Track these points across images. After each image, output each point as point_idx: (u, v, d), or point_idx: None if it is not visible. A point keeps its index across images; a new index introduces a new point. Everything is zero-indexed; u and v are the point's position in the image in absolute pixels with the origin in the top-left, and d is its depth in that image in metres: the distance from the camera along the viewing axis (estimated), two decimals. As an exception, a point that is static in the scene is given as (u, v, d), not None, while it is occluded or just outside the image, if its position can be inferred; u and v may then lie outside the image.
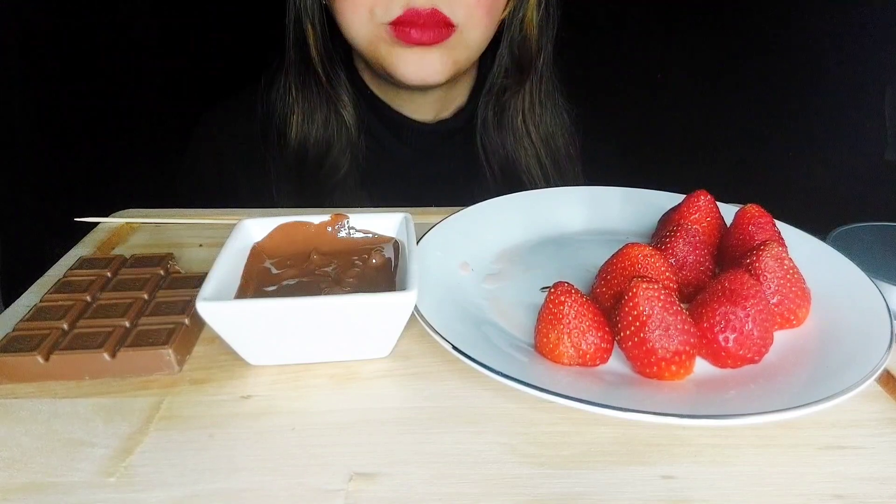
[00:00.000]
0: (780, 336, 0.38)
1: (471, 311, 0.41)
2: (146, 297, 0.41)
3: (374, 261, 0.41)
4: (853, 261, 0.44)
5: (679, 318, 0.35)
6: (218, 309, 0.34)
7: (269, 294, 0.38)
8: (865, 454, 0.31)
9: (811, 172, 0.90)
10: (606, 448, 0.32)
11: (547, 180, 0.73)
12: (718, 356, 0.36)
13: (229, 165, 0.73)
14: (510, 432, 0.32)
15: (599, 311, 0.37)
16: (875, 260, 0.50)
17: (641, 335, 0.34)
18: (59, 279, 0.42)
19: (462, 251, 0.47)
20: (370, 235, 0.44)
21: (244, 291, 0.38)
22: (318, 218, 0.44)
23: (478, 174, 0.73)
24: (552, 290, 0.37)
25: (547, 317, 0.36)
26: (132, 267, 0.44)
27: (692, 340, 0.35)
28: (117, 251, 0.51)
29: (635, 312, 0.35)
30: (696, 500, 0.29)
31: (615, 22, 0.99)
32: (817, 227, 0.51)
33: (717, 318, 0.35)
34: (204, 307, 0.33)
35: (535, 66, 0.70)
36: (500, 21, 0.66)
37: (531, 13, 0.67)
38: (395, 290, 0.38)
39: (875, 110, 0.84)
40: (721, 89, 0.98)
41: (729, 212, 0.46)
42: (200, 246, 0.51)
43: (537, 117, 0.72)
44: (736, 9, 0.94)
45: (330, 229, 0.44)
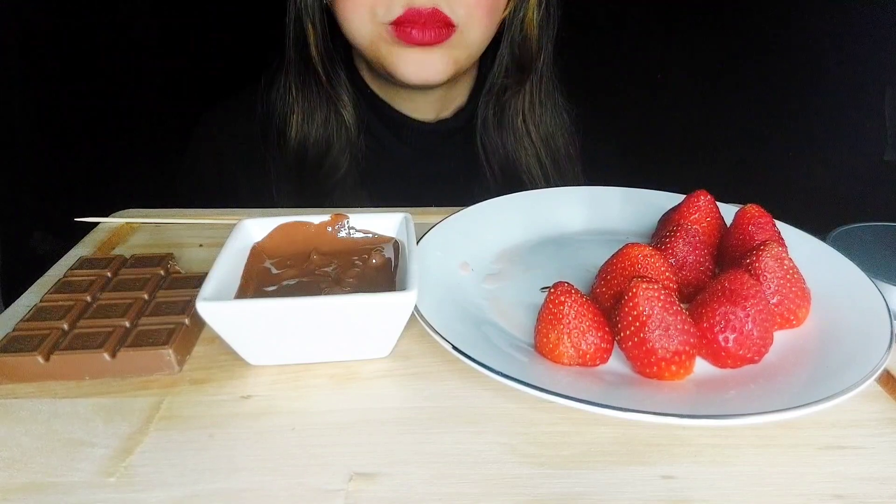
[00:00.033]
0: (780, 336, 0.38)
1: (471, 311, 0.41)
2: (146, 297, 0.41)
3: (374, 261, 0.41)
4: (853, 261, 0.44)
5: (679, 318, 0.35)
6: (218, 309, 0.34)
7: (269, 294, 0.38)
8: (865, 454, 0.31)
9: (811, 172, 0.90)
10: (606, 448, 0.32)
11: (547, 180, 0.73)
12: (718, 356, 0.36)
13: (229, 165, 0.73)
14: (510, 432, 0.32)
15: (599, 311, 0.37)
16: (875, 260, 0.50)
17: (641, 335, 0.34)
18: (59, 279, 0.42)
19: (462, 251, 0.47)
20: (370, 235, 0.44)
21: (244, 291, 0.38)
22: (318, 218, 0.44)
23: (478, 174, 0.73)
24: (552, 290, 0.37)
25: (547, 317, 0.36)
26: (132, 267, 0.44)
27: (692, 340, 0.35)
28: (117, 251, 0.51)
29: (635, 312, 0.35)
30: (696, 500, 0.29)
31: (615, 22, 0.99)
32: (817, 227, 0.51)
33: (717, 318, 0.35)
34: (204, 307, 0.33)
35: (535, 66, 0.70)
36: (500, 21, 0.66)
37: (531, 13, 0.67)
38: (395, 290, 0.38)
39: (875, 110, 0.84)
40: (721, 89, 0.98)
41: (729, 212, 0.46)
42: (200, 246, 0.51)
43: (537, 117, 0.72)
44: (736, 9, 0.94)
45: (330, 229, 0.44)
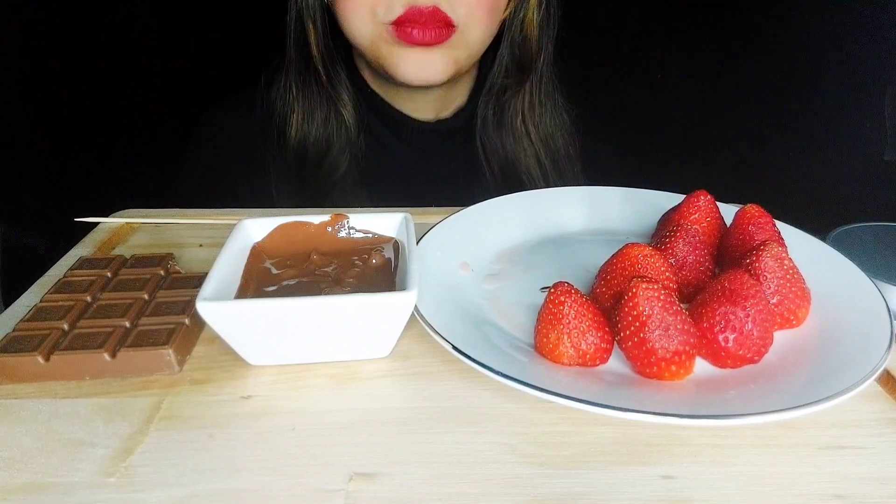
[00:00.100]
0: (780, 336, 0.38)
1: (471, 311, 0.41)
2: (146, 297, 0.41)
3: (374, 261, 0.41)
4: (853, 261, 0.44)
5: (679, 318, 0.35)
6: (218, 309, 0.34)
7: (269, 294, 0.38)
8: (865, 454, 0.31)
9: (811, 172, 0.90)
10: (606, 448, 0.32)
11: (546, 180, 0.73)
12: (718, 356, 0.36)
13: (229, 165, 0.73)
14: (510, 432, 0.32)
15: (599, 311, 0.37)
16: (875, 260, 0.50)
17: (641, 335, 0.34)
18: (60, 279, 0.42)
19: (462, 251, 0.47)
20: (370, 235, 0.44)
21: (244, 291, 0.38)
22: (318, 218, 0.44)
23: (478, 174, 0.73)
24: (552, 291, 0.37)
25: (547, 317, 0.36)
26: (132, 267, 0.44)
27: (692, 340, 0.35)
28: (117, 251, 0.51)
29: (635, 312, 0.35)
30: (696, 500, 0.29)
31: (615, 22, 0.99)
32: (817, 227, 0.51)
33: (717, 318, 0.35)
34: (204, 307, 0.33)
35: (535, 67, 0.70)
36: (500, 21, 0.66)
37: (532, 13, 0.67)
38: (395, 290, 0.38)
39: (875, 110, 0.84)
40: (721, 89, 0.98)
41: (729, 212, 0.46)
42: (200, 246, 0.51)
43: (537, 117, 0.72)
44: (736, 9, 0.94)
45: (330, 229, 0.44)
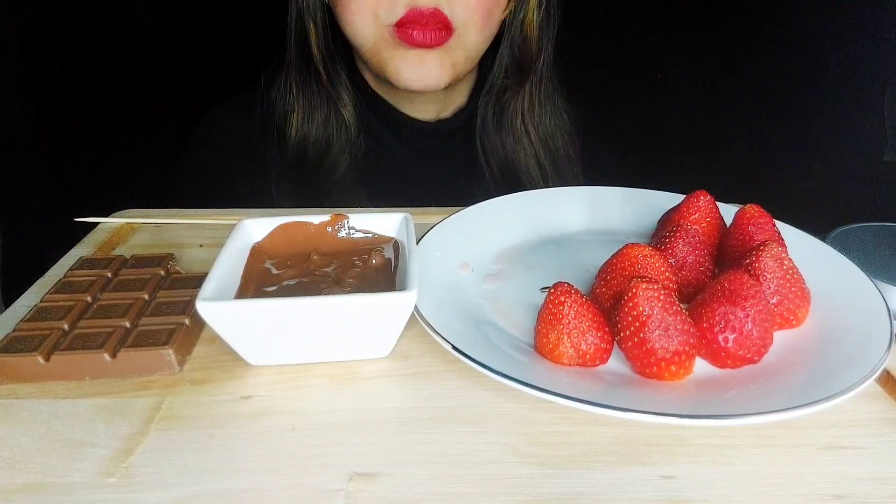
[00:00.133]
0: (779, 336, 0.38)
1: (471, 311, 0.41)
2: (147, 297, 0.41)
3: (374, 261, 0.41)
4: (853, 261, 0.44)
5: (679, 318, 0.35)
6: (218, 309, 0.34)
7: (269, 294, 0.38)
8: (865, 454, 0.32)
9: (811, 172, 0.90)
10: (606, 448, 0.32)
11: (546, 181, 0.73)
12: (718, 356, 0.36)
13: (229, 165, 0.73)
14: (510, 432, 0.32)
15: (599, 311, 0.37)
16: (875, 260, 0.50)
17: (641, 335, 0.34)
18: (60, 279, 0.42)
19: (462, 251, 0.47)
20: (370, 235, 0.44)
21: (244, 292, 0.38)
22: (318, 218, 0.44)
23: (478, 174, 0.73)
24: (552, 291, 0.37)
25: (547, 317, 0.36)
26: (133, 267, 0.44)
27: (692, 341, 0.35)
28: (117, 251, 0.51)
29: (635, 313, 0.35)
30: (696, 500, 0.29)
31: (615, 22, 0.99)
32: (817, 227, 0.51)
33: (717, 318, 0.35)
34: (204, 307, 0.33)
35: (535, 67, 0.70)
36: (498, 23, 0.66)
37: (531, 14, 0.67)
38: (395, 290, 0.38)
39: (875, 110, 0.84)
40: (721, 89, 0.98)
41: (729, 212, 0.46)
42: (201, 246, 0.51)
43: (537, 118, 0.72)
44: (736, 9, 0.94)
45: (330, 229, 0.44)
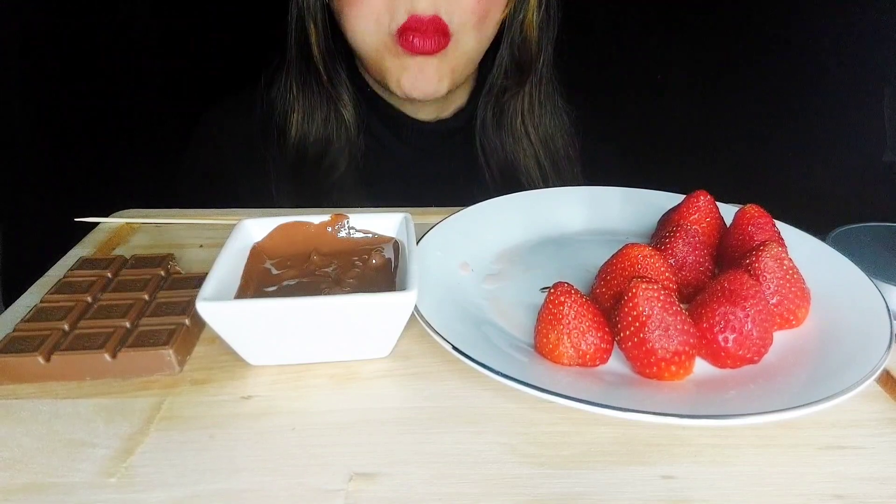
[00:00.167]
0: (779, 336, 0.38)
1: (471, 311, 0.41)
2: (147, 297, 0.41)
3: (374, 261, 0.41)
4: (853, 261, 0.44)
5: (679, 318, 0.35)
6: (218, 309, 0.34)
7: (269, 294, 0.38)
8: (865, 454, 0.32)
9: (811, 172, 0.90)
10: (606, 448, 0.32)
11: (546, 182, 0.73)
12: (718, 356, 0.36)
13: (229, 165, 0.73)
14: (510, 432, 0.32)
15: (599, 311, 0.37)
16: (875, 260, 0.50)
17: (641, 335, 0.34)
18: (60, 280, 0.42)
19: (462, 251, 0.47)
20: (370, 235, 0.44)
21: (244, 292, 0.38)
22: (318, 218, 0.44)
23: (478, 174, 0.73)
24: (552, 291, 0.37)
25: (547, 317, 0.36)
26: (133, 267, 0.44)
27: (692, 341, 0.35)
28: (118, 251, 0.51)
29: (635, 313, 0.35)
30: (696, 500, 0.29)
31: (615, 23, 0.99)
32: (817, 227, 0.51)
33: (717, 318, 0.35)
34: (204, 307, 0.33)
35: (534, 68, 0.70)
36: (498, 23, 0.66)
37: (531, 14, 0.67)
38: (395, 290, 0.38)
39: (875, 110, 0.84)
40: (721, 89, 0.98)
41: (729, 212, 0.46)
42: (201, 246, 0.51)
43: (536, 118, 0.72)
44: (736, 9, 0.94)
45: (330, 229, 0.44)
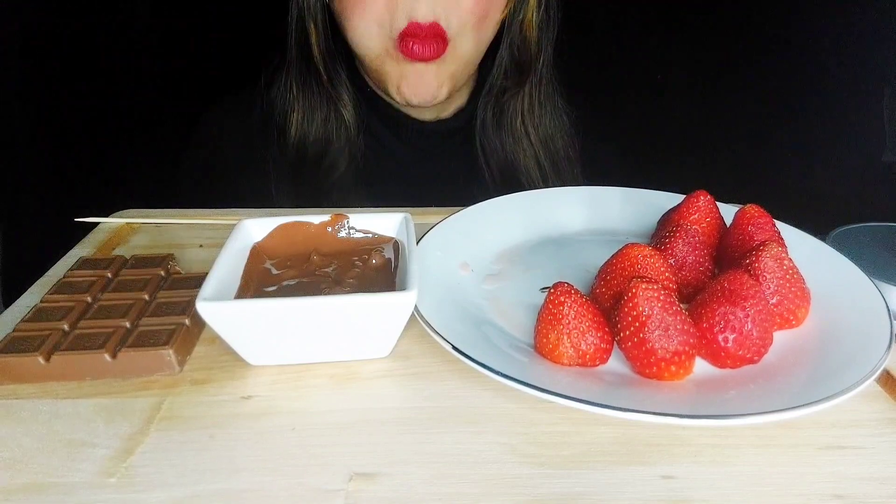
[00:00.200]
0: (779, 336, 0.38)
1: (471, 311, 0.41)
2: (147, 297, 0.41)
3: (374, 261, 0.41)
4: (853, 261, 0.44)
5: (678, 318, 0.35)
6: (218, 309, 0.34)
7: (269, 294, 0.38)
8: (865, 454, 0.32)
9: (811, 172, 0.90)
10: (606, 448, 0.32)
11: (546, 182, 0.73)
12: (718, 356, 0.36)
13: (229, 165, 0.73)
14: (510, 432, 0.32)
15: (599, 311, 0.37)
16: (875, 260, 0.50)
17: (641, 335, 0.34)
18: (60, 280, 0.42)
19: (462, 251, 0.47)
20: (370, 235, 0.44)
21: (244, 292, 0.38)
22: (318, 218, 0.44)
23: (477, 174, 0.73)
24: (552, 291, 0.37)
25: (547, 317, 0.36)
26: (133, 268, 0.44)
27: (692, 341, 0.35)
28: (118, 252, 0.51)
29: (635, 313, 0.35)
30: (696, 500, 0.29)
31: (615, 23, 0.99)
32: (817, 227, 0.51)
33: (717, 318, 0.35)
34: (204, 307, 0.33)
35: (534, 68, 0.70)
36: (498, 24, 0.66)
37: (531, 14, 0.67)
38: (395, 290, 0.38)
39: (875, 110, 0.84)
40: (721, 89, 0.98)
41: (729, 212, 0.46)
42: (201, 246, 0.51)
43: (536, 119, 0.72)
44: (736, 9, 0.94)
45: (330, 229, 0.44)
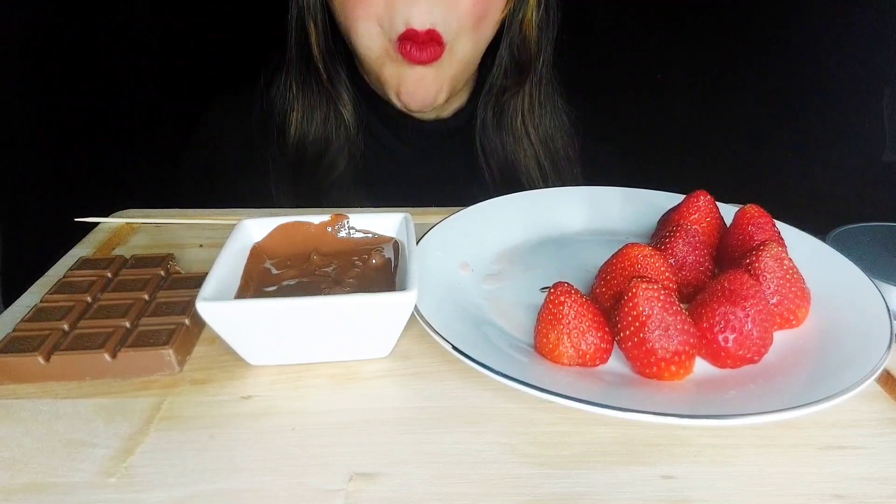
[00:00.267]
0: (779, 336, 0.38)
1: (471, 311, 0.41)
2: (147, 297, 0.41)
3: (374, 261, 0.41)
4: (853, 261, 0.44)
5: (679, 318, 0.35)
6: (218, 309, 0.34)
7: (269, 294, 0.38)
8: (865, 454, 0.32)
9: (811, 172, 0.90)
10: (606, 448, 0.32)
11: (545, 182, 0.73)
12: (718, 356, 0.36)
13: (229, 164, 0.73)
14: (510, 432, 0.32)
15: (599, 311, 0.37)
16: (875, 260, 0.50)
17: (641, 335, 0.34)
18: (60, 279, 0.42)
19: (462, 251, 0.47)
20: (370, 235, 0.44)
21: (244, 292, 0.38)
22: (318, 218, 0.44)
23: (477, 174, 0.73)
24: (552, 291, 0.37)
25: (547, 317, 0.36)
26: (133, 267, 0.44)
27: (692, 340, 0.35)
28: (117, 251, 0.51)
29: (635, 313, 0.35)
30: (696, 500, 0.29)
31: (615, 23, 0.99)
32: (817, 227, 0.51)
33: (717, 318, 0.35)
34: (204, 307, 0.33)
35: (534, 67, 0.70)
36: (497, 23, 0.66)
37: (531, 14, 0.67)
38: (395, 290, 0.38)
39: (875, 110, 0.84)
40: (721, 89, 0.98)
41: (729, 212, 0.46)
42: (200, 246, 0.51)
43: (536, 118, 0.72)
44: (736, 9, 0.94)
45: (330, 229, 0.44)
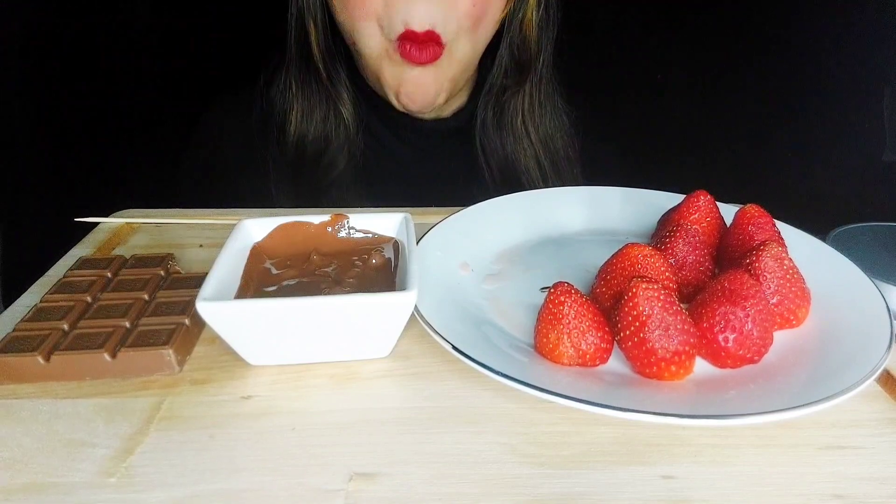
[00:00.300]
0: (779, 336, 0.38)
1: (471, 311, 0.41)
2: (147, 297, 0.41)
3: (374, 261, 0.41)
4: (853, 261, 0.44)
5: (679, 318, 0.35)
6: (218, 309, 0.34)
7: (269, 294, 0.38)
8: (865, 454, 0.32)
9: (811, 172, 0.90)
10: (606, 448, 0.32)
11: (545, 182, 0.73)
12: (718, 356, 0.36)
13: (229, 164, 0.73)
14: (510, 432, 0.32)
15: (599, 311, 0.37)
16: (875, 260, 0.50)
17: (641, 335, 0.34)
18: (60, 279, 0.42)
19: (462, 251, 0.47)
20: (370, 235, 0.44)
21: (244, 292, 0.38)
22: (318, 218, 0.44)
23: (478, 174, 0.73)
24: (552, 291, 0.37)
25: (547, 317, 0.36)
26: (132, 267, 0.44)
27: (692, 340, 0.35)
28: (117, 251, 0.51)
29: (635, 312, 0.35)
30: (696, 500, 0.29)
31: (615, 23, 0.99)
32: (817, 227, 0.51)
33: (717, 318, 0.35)
34: (204, 307, 0.33)
35: (534, 67, 0.70)
36: (497, 23, 0.66)
37: (531, 13, 0.67)
38: (395, 290, 0.38)
39: (875, 110, 0.84)
40: (721, 89, 0.98)
41: (729, 212, 0.46)
42: (200, 246, 0.51)
43: (537, 118, 0.72)
44: (736, 9, 0.94)
45: (330, 229, 0.44)
